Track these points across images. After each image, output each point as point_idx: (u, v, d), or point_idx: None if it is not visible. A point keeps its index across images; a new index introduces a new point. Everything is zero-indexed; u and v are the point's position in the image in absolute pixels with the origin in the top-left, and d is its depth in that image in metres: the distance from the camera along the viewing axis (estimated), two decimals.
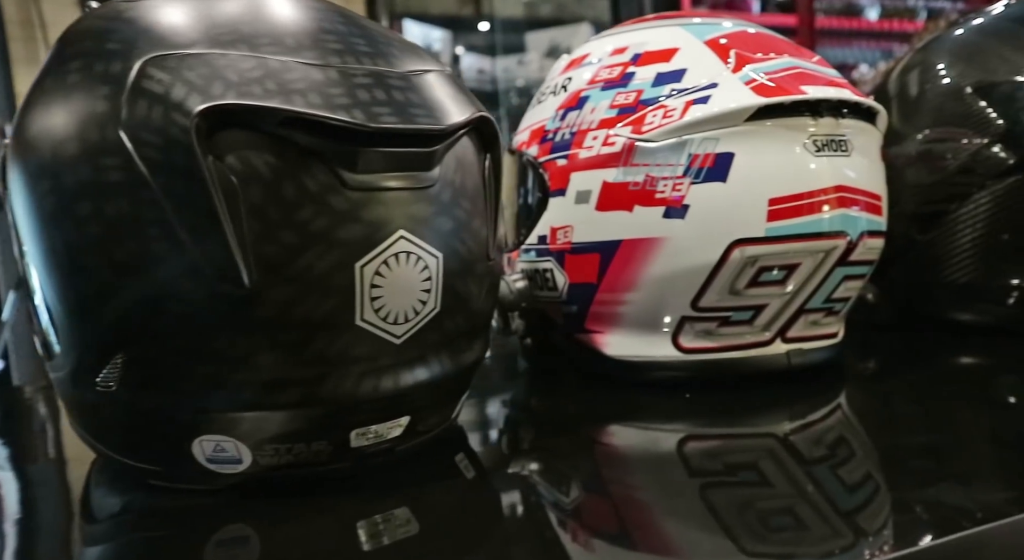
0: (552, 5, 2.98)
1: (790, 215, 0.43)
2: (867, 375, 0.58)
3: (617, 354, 0.49)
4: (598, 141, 0.47)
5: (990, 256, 0.55)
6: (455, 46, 2.87)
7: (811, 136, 0.44)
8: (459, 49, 2.87)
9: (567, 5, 2.94)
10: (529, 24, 2.87)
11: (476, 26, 2.93)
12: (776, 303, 0.45)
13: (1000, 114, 0.53)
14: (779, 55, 0.46)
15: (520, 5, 2.93)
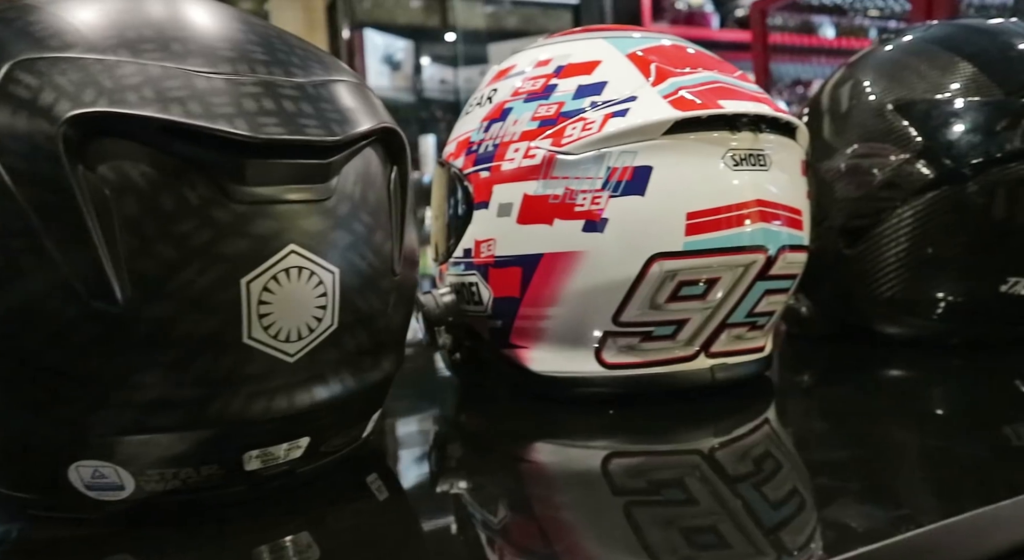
0: (517, 17, 2.99)
1: (709, 229, 0.43)
2: (797, 389, 0.58)
3: (541, 370, 0.49)
4: (519, 153, 0.46)
5: (915, 270, 0.55)
6: (420, 56, 2.86)
7: (730, 150, 0.43)
8: (425, 59, 2.86)
9: (532, 17, 2.96)
10: (493, 35, 2.88)
11: (442, 37, 2.93)
12: (698, 317, 0.45)
13: (919, 131, 0.54)
14: (700, 69, 0.46)
15: (483, 16, 2.94)
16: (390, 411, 0.57)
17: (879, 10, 1.73)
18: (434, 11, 2.95)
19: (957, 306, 0.55)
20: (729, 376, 0.48)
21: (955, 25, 0.59)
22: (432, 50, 2.90)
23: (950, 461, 0.40)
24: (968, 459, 0.39)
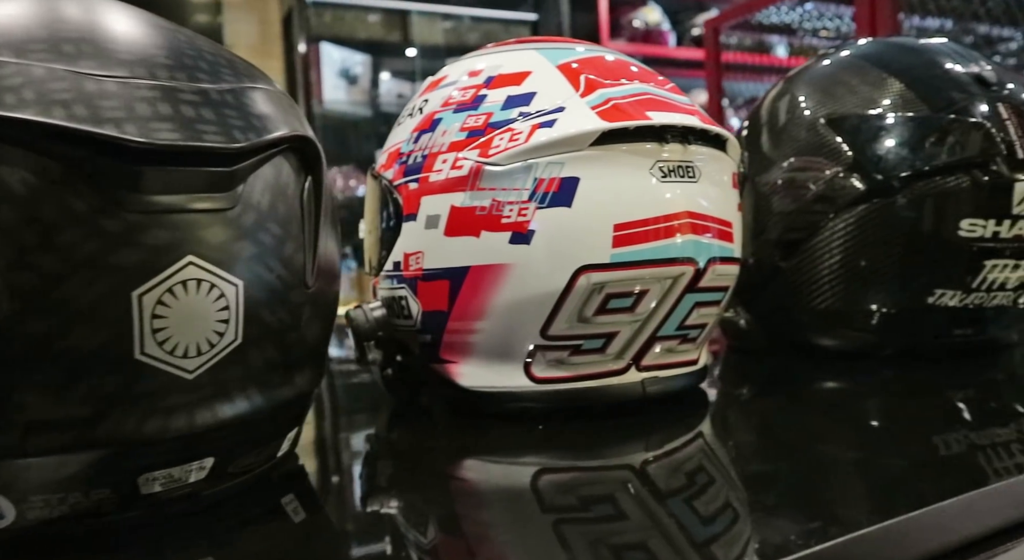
0: (477, 33, 3.00)
1: (636, 241, 0.42)
2: (733, 402, 0.58)
3: (471, 385, 0.47)
4: (447, 164, 0.45)
5: (848, 282, 0.56)
6: (378, 71, 2.85)
7: (658, 162, 0.43)
8: (384, 74, 2.85)
9: (492, 33, 2.97)
10: (452, 51, 2.88)
11: (403, 51, 2.92)
12: (627, 331, 0.45)
13: (849, 145, 0.54)
14: (631, 81, 0.46)
15: (443, 32, 2.94)
16: (318, 428, 0.56)
17: (828, 31, 1.77)
18: (395, 26, 2.94)
19: (888, 318, 0.56)
20: (661, 389, 0.47)
21: (886, 43, 0.60)
22: (392, 65, 2.89)
23: (881, 471, 0.39)
24: (896, 469, 0.39)
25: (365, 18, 2.89)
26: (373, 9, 2.84)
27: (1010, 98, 0.52)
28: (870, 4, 1.48)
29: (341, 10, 2.80)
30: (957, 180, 0.51)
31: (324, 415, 0.61)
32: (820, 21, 1.77)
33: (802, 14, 1.76)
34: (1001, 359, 0.58)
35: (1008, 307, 0.54)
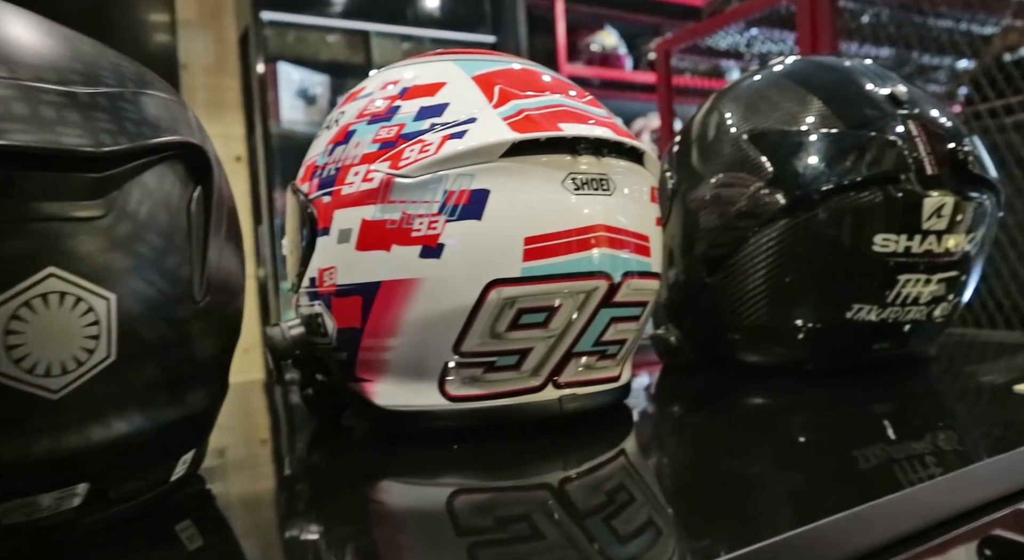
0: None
1: (547, 255, 0.42)
2: (658, 418, 0.57)
3: (386, 404, 0.46)
4: (359, 177, 0.44)
5: (773, 298, 0.56)
6: (339, 92, 2.84)
7: (571, 174, 0.43)
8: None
9: None
10: None
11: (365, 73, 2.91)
12: (541, 346, 0.44)
13: (770, 160, 0.55)
14: (547, 93, 0.46)
15: (403, 53, 2.94)
16: (233, 449, 0.54)
17: (773, 55, 1.81)
18: (358, 48, 2.94)
19: (811, 333, 0.56)
20: (580, 407, 0.47)
21: (808, 62, 0.61)
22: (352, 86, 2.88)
23: (799, 484, 0.39)
24: (811, 482, 0.39)
25: (325, 39, 2.88)
26: (333, 30, 2.84)
27: (920, 117, 0.53)
28: (811, 30, 1.52)
29: (303, 30, 2.79)
30: (871, 195, 0.51)
31: (242, 435, 0.59)
32: (765, 45, 1.81)
33: (749, 39, 1.80)
34: (920, 372, 0.59)
35: (923, 321, 0.55)
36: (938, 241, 0.52)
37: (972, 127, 1.33)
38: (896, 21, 1.49)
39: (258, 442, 0.55)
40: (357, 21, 2.81)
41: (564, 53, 2.89)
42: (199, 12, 2.69)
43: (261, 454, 0.53)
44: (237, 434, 0.59)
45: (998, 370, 0.59)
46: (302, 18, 2.74)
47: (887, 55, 1.55)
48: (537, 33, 3.08)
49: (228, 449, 0.53)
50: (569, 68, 2.92)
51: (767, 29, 1.75)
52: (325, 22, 2.78)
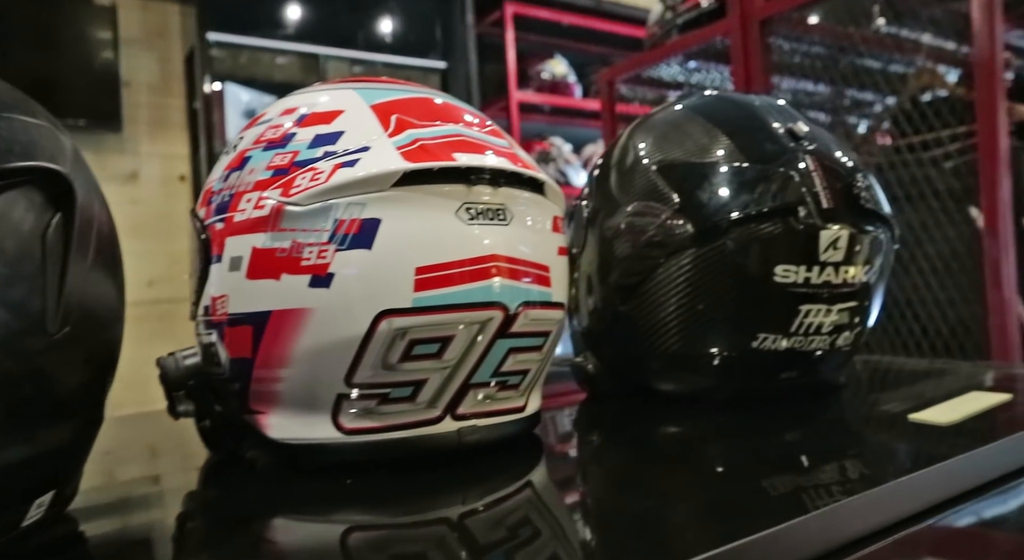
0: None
1: (440, 285, 0.41)
2: (570, 448, 0.57)
3: (280, 437, 0.45)
4: (251, 204, 0.43)
5: (683, 326, 0.56)
6: None
7: (465, 204, 0.42)
8: None
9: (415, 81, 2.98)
10: None
11: None
12: (436, 378, 0.43)
13: (677, 191, 0.56)
14: (447, 123, 0.45)
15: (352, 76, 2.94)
16: (122, 486, 0.51)
17: (710, 87, 1.86)
18: (311, 70, 2.92)
19: (721, 362, 0.56)
20: (481, 438, 0.46)
21: (716, 97, 0.63)
22: None
23: (710, 512, 0.39)
24: (724, 508, 0.39)
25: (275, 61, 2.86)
26: (284, 52, 2.82)
27: (817, 152, 0.55)
28: (744, 64, 1.57)
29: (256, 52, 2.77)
30: (771, 227, 0.52)
31: (135, 469, 0.56)
32: (700, 75, 1.86)
33: (688, 71, 1.85)
34: (827, 400, 0.60)
35: (828, 350, 0.56)
36: (836, 272, 0.53)
37: (894, 161, 1.38)
38: (826, 60, 1.55)
39: (150, 477, 0.53)
40: (307, 44, 2.80)
41: (514, 80, 2.93)
42: (144, 30, 2.64)
43: (151, 490, 0.51)
44: (129, 468, 0.57)
45: (899, 398, 0.61)
46: (251, 40, 2.72)
47: (823, 90, 1.61)
48: (489, 60, 3.12)
49: (115, 485, 0.51)
50: (519, 95, 2.95)
51: (705, 62, 1.80)
52: (275, 44, 2.76)
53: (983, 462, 0.42)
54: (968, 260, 1.26)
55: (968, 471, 0.42)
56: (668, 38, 1.81)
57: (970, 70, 1.22)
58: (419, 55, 2.89)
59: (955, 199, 1.29)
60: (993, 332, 1.17)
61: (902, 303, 1.36)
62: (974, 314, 1.23)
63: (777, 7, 1.50)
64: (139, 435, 0.72)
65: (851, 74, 1.46)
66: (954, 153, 1.32)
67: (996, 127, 1.17)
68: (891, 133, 1.49)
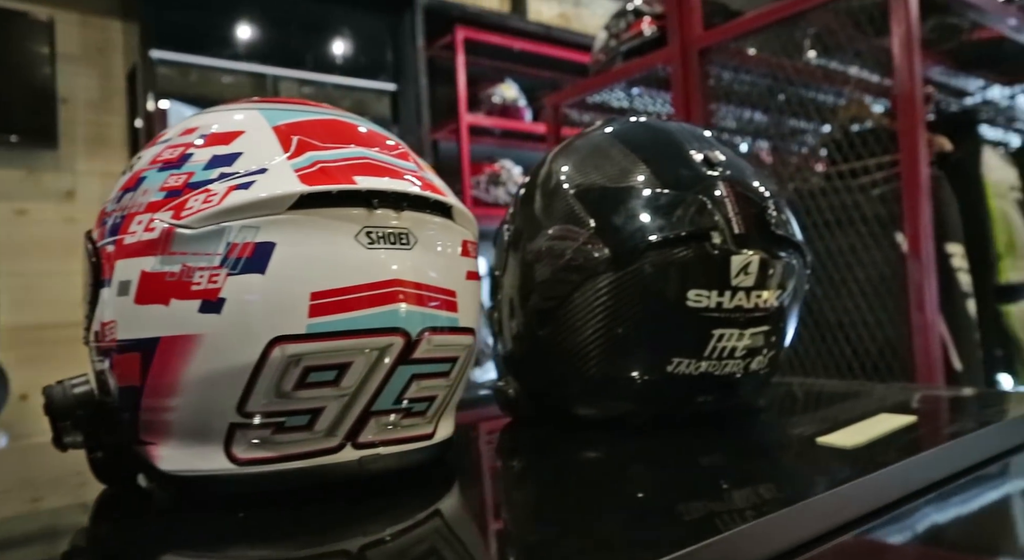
0: (350, 101, 2.99)
1: (336, 310, 0.40)
2: (484, 474, 0.56)
3: (169, 469, 0.43)
4: (141, 226, 0.41)
5: (601, 351, 0.56)
6: None
7: (365, 228, 0.42)
8: None
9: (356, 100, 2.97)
10: None
11: None
12: (334, 405, 0.42)
13: (593, 215, 0.56)
14: (351, 146, 0.45)
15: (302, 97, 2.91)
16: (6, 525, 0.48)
17: (652, 113, 1.90)
18: (260, 90, 2.89)
19: (637, 386, 0.56)
20: (384, 467, 0.45)
21: (636, 123, 0.64)
22: None
23: (623, 534, 0.38)
24: (636, 530, 0.38)
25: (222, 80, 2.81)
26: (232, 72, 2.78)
27: (730, 178, 0.56)
28: (684, 92, 1.60)
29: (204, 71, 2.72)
30: (683, 252, 0.53)
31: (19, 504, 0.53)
32: (642, 100, 1.90)
33: (633, 97, 1.89)
34: (744, 424, 0.60)
35: (743, 374, 0.56)
36: (748, 297, 0.54)
37: (827, 188, 1.42)
38: (765, 89, 1.60)
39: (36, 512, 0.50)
40: (256, 64, 2.77)
41: (465, 103, 2.95)
42: (83, 46, 2.58)
43: (30, 527, 0.48)
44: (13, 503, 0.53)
45: (813, 421, 0.62)
46: (197, 58, 2.67)
47: (765, 119, 1.65)
48: (440, 83, 3.13)
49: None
50: (470, 117, 2.97)
51: (648, 89, 1.83)
52: (223, 63, 2.72)
53: (881, 485, 0.42)
54: (894, 284, 1.30)
55: (867, 494, 0.42)
56: (612, 65, 1.85)
57: (895, 102, 1.27)
58: (370, 77, 2.89)
59: (882, 225, 1.34)
60: (917, 353, 1.20)
61: (834, 325, 1.40)
62: (900, 336, 1.27)
63: (715, 37, 1.55)
64: (30, 467, 0.68)
65: (788, 104, 1.51)
66: (880, 181, 1.37)
67: (917, 157, 1.22)
68: (824, 161, 1.54)
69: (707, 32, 1.57)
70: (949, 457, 0.47)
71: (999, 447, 0.52)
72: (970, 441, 0.49)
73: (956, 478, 0.47)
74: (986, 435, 0.51)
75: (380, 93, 2.93)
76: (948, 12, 1.49)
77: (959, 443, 0.48)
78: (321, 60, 2.83)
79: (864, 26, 1.36)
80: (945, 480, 0.47)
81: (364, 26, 2.89)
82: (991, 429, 0.52)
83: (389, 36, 2.91)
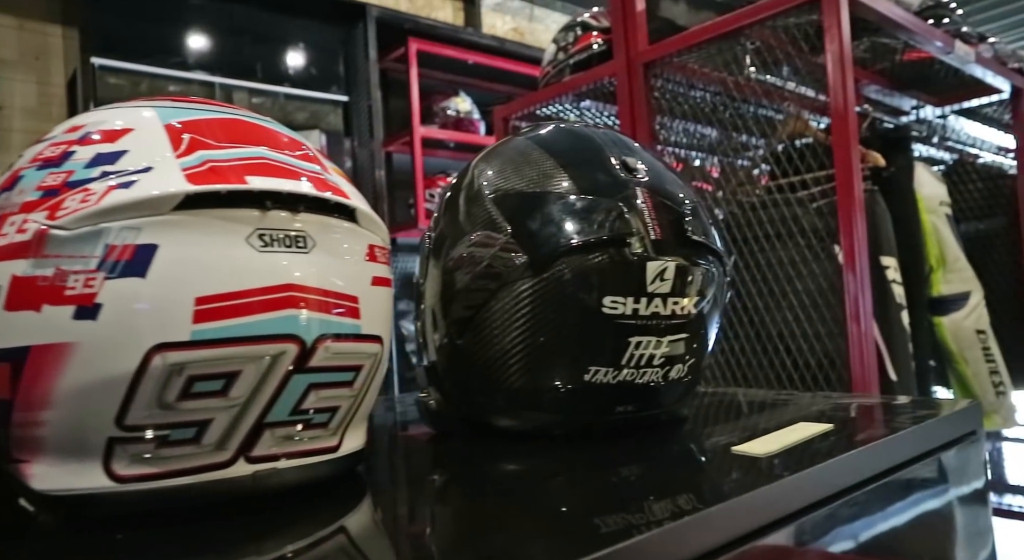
0: (306, 113, 2.95)
1: (223, 316, 0.38)
2: (397, 489, 0.54)
3: (43, 488, 0.40)
4: (14, 227, 0.39)
5: (518, 361, 0.55)
6: None
7: (258, 230, 0.40)
8: None
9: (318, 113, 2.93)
10: None
11: None
12: (223, 417, 0.40)
13: (510, 221, 0.55)
14: (250, 146, 0.43)
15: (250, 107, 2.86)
16: None
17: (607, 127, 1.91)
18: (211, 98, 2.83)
19: (556, 396, 0.55)
20: (282, 482, 0.43)
21: (557, 128, 0.63)
22: None
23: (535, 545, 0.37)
24: (549, 539, 0.37)
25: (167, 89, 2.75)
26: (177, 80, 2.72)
27: (648, 185, 0.55)
28: (630, 106, 1.62)
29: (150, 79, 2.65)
30: (599, 258, 0.52)
31: None
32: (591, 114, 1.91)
33: (581, 110, 1.90)
34: (664, 433, 0.59)
35: (662, 383, 0.56)
36: (664, 304, 0.53)
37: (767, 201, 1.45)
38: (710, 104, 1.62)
39: None
40: (204, 73, 2.71)
41: (418, 115, 2.93)
42: (20, 52, 2.49)
43: None
44: None
45: (734, 430, 0.61)
46: (142, 66, 2.61)
47: (714, 133, 1.67)
48: (393, 95, 3.11)
49: None
50: (423, 130, 2.95)
51: (596, 102, 1.85)
52: (168, 72, 2.66)
53: (785, 492, 0.42)
54: (833, 296, 1.32)
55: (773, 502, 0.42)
56: (561, 78, 1.85)
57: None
58: (321, 88, 2.85)
59: (820, 238, 1.36)
60: (852, 364, 1.22)
61: (775, 337, 1.41)
62: (838, 348, 1.29)
63: (659, 51, 1.56)
64: None
65: (733, 119, 1.53)
66: (818, 195, 1.40)
67: (851, 171, 1.25)
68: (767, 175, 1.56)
69: (652, 46, 1.59)
70: (858, 463, 0.47)
71: (912, 452, 0.52)
72: (880, 447, 0.49)
73: (866, 484, 0.47)
74: (898, 441, 0.51)
75: (333, 104, 2.89)
76: (881, 33, 1.54)
77: (869, 450, 0.48)
78: (272, 70, 2.78)
79: (801, 43, 1.39)
80: (855, 486, 0.47)
81: (316, 37, 2.86)
82: (903, 435, 0.52)
83: (341, 47, 2.89)
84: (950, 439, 0.55)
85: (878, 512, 0.48)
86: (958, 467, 0.57)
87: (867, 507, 0.47)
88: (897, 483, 0.50)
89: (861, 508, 0.46)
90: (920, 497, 0.54)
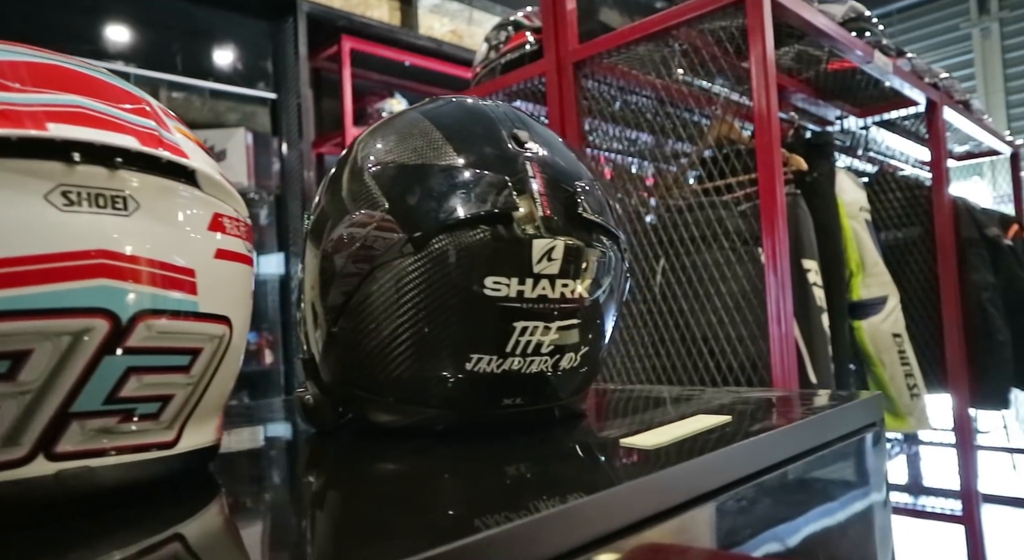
0: (239, 114, 2.83)
1: (9, 284, 0.32)
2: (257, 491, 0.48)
3: None
4: None
5: (396, 349, 0.50)
6: None
7: (62, 186, 0.34)
8: None
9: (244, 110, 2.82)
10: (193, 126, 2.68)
11: None
12: (12, 406, 0.33)
13: (386, 195, 0.50)
14: (66, 93, 0.37)
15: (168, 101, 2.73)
16: None
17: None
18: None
19: (435, 389, 0.51)
20: (96, 483, 0.37)
21: (448, 101, 0.59)
22: None
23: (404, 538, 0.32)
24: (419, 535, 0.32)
25: None
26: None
27: (540, 159, 0.52)
28: (559, 105, 1.60)
29: None
30: (481, 235, 0.48)
31: None
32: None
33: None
34: (557, 428, 0.55)
35: (552, 373, 0.52)
36: (552, 286, 0.49)
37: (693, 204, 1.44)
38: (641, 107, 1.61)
39: None
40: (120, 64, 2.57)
41: (350, 116, 2.86)
42: None
43: None
44: None
45: (631, 424, 0.58)
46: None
47: (647, 138, 1.66)
48: (326, 95, 3.03)
49: None
50: (356, 131, 2.88)
51: (527, 102, 1.82)
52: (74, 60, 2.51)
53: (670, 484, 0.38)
54: (756, 298, 1.32)
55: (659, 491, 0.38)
56: (492, 77, 1.82)
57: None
58: (247, 85, 2.75)
59: (743, 241, 1.36)
60: (774, 365, 1.21)
61: (699, 339, 1.40)
62: (760, 350, 1.28)
63: (588, 50, 1.55)
64: None
65: (663, 122, 1.52)
66: (742, 198, 1.40)
67: (774, 175, 1.24)
68: (696, 179, 1.56)
69: (582, 46, 1.57)
70: (750, 454, 0.44)
71: (809, 443, 0.49)
72: (775, 437, 0.46)
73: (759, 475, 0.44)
74: (794, 431, 0.48)
75: (260, 102, 2.79)
76: (807, 40, 1.56)
77: (762, 440, 0.45)
78: (194, 64, 2.67)
79: (727, 46, 1.40)
80: (748, 477, 0.43)
81: (243, 31, 2.76)
82: (798, 426, 0.49)
83: (269, 43, 2.79)
84: (849, 431, 0.53)
85: (773, 505, 0.45)
86: (857, 459, 0.55)
87: (761, 500, 0.44)
88: (794, 474, 0.47)
89: (754, 501, 0.43)
90: (818, 490, 0.51)
